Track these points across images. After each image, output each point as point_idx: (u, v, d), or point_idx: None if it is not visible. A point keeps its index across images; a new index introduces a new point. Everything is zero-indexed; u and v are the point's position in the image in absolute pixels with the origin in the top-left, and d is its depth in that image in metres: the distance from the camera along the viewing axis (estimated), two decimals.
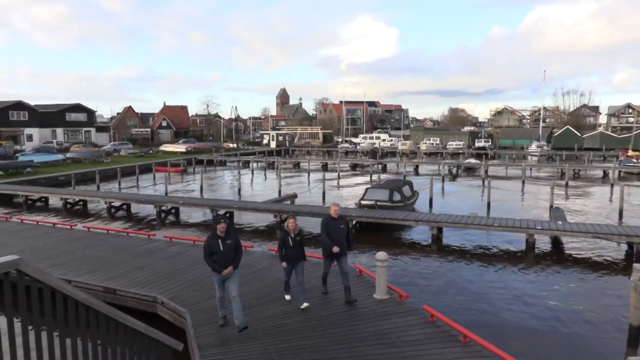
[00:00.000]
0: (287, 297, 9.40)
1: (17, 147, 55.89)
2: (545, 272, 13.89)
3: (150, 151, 60.97)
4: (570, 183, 35.19)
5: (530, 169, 44.76)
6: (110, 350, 4.48)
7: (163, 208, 23.09)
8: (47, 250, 13.77)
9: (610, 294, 12.03)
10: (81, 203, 26.18)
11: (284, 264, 8.80)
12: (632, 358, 2.14)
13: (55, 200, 27.17)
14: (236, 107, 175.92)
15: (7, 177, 33.94)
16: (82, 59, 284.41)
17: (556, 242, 16.95)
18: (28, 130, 63.56)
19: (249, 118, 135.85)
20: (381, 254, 9.35)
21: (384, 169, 47.22)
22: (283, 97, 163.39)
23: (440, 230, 17.66)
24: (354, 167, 50.51)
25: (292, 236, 8.70)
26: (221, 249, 7.74)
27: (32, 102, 66.74)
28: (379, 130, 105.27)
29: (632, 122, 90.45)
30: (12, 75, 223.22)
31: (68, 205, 25.83)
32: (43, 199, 27.48)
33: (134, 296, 10.13)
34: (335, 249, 8.86)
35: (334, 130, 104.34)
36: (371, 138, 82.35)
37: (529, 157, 61.14)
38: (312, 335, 7.94)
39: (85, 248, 13.95)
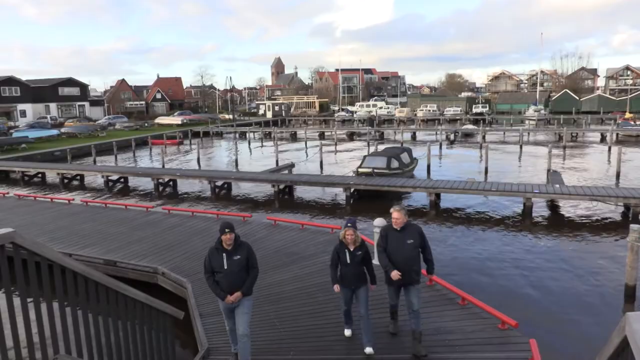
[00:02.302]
0: (347, 332, 6.83)
1: (11, 124, 55.35)
2: (542, 235, 13.99)
3: (146, 124, 60.50)
4: (568, 147, 35.17)
5: (528, 133, 44.63)
6: (111, 320, 4.50)
7: (160, 180, 23.05)
8: (46, 225, 13.79)
9: (606, 255, 12.16)
10: (78, 177, 26.12)
11: (337, 287, 6.31)
12: (630, 313, 2.15)
13: (52, 176, 27.08)
14: (231, 78, 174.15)
15: (3, 154, 33.73)
16: (73, 32, 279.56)
17: (553, 206, 17.03)
18: (21, 106, 62.84)
19: (244, 88, 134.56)
20: (379, 220, 9.38)
21: (381, 137, 47.05)
22: (278, 67, 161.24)
23: (438, 196, 17.71)
24: (351, 135, 50.28)
25: (351, 249, 6.22)
26: (225, 267, 5.74)
27: (24, 78, 65.84)
28: (376, 98, 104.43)
29: (630, 85, 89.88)
30: (1, 50, 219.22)
31: (65, 180, 25.77)
32: (40, 175, 27.39)
33: (135, 268, 10.19)
34: (395, 275, 6.07)
35: (330, 99, 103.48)
36: (368, 106, 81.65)
37: (527, 122, 60.88)
38: (312, 302, 8.03)
39: (84, 222, 13.96)
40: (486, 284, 10.39)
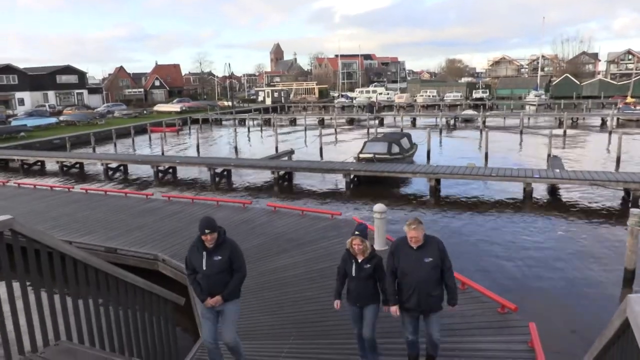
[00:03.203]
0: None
1: (9, 112, 55.11)
2: (542, 220, 14.01)
3: (145, 112, 60.24)
4: (569, 132, 35.06)
5: (528, 118, 44.48)
6: (111, 306, 4.51)
7: (160, 168, 23.02)
8: (46, 213, 13.79)
9: (606, 239, 12.19)
10: (78, 166, 26.06)
11: (337, 303, 5.46)
12: (631, 295, 2.15)
13: (51, 164, 27.05)
14: (230, 65, 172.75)
15: (1, 142, 33.60)
16: (70, 20, 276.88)
17: (553, 191, 17.02)
18: (19, 94, 62.48)
19: (243, 75, 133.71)
20: (379, 206, 9.37)
21: (381, 123, 46.88)
22: (277, 53, 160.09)
23: (438, 181, 17.69)
24: (350, 121, 50.10)
25: (359, 260, 5.28)
26: (203, 267, 5.03)
27: (21, 66, 65.39)
28: (376, 83, 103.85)
29: (631, 69, 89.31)
30: None
31: (65, 168, 25.72)
32: (39, 163, 27.36)
33: (135, 255, 10.22)
34: (394, 312, 5.14)
35: (329, 85, 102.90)
36: (367, 92, 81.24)
37: (527, 107, 60.63)
38: (312, 287, 8.05)
39: (84, 210, 13.96)
40: (486, 269, 10.42)
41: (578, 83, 77.74)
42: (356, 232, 5.28)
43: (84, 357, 3.54)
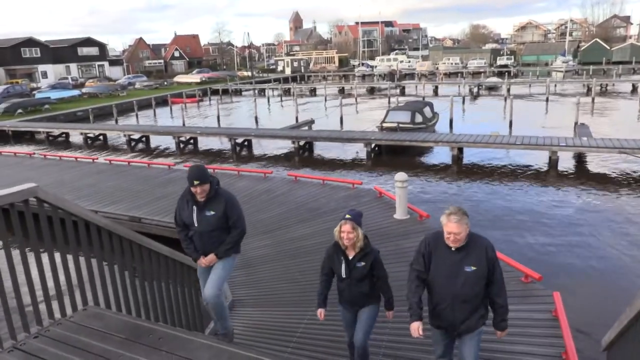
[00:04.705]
0: None
1: (33, 85, 55.93)
2: (568, 190, 13.70)
3: (165, 83, 60.48)
4: (597, 99, 33.93)
5: (555, 85, 43.16)
6: (136, 273, 4.58)
7: (181, 138, 23.19)
8: (72, 184, 14.08)
9: (635, 210, 11.88)
10: (101, 137, 26.45)
11: (320, 312, 4.33)
12: None
13: (75, 135, 27.50)
14: (249, 34, 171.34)
15: (27, 115, 34.22)
16: None
17: (580, 159, 16.59)
18: (42, 67, 63.21)
19: (262, 45, 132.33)
20: (401, 175, 9.27)
21: (403, 92, 46.12)
22: (296, 21, 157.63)
23: (460, 150, 17.41)
24: (371, 90, 49.42)
25: (350, 257, 4.19)
26: (195, 224, 4.51)
27: (42, 39, 65.85)
28: (397, 51, 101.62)
29: None
30: (17, 11, 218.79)
31: (89, 140, 26.15)
32: (64, 135, 27.83)
33: (158, 223, 10.37)
34: (415, 331, 3.70)
35: (349, 53, 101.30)
36: (388, 60, 79.72)
37: (554, 74, 58.78)
38: None
39: (108, 180, 14.20)
40: (510, 238, 10.30)
41: (608, 48, 74.86)
42: (347, 216, 4.19)
43: (111, 321, 3.62)
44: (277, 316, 6.39)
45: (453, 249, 3.70)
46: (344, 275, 4.19)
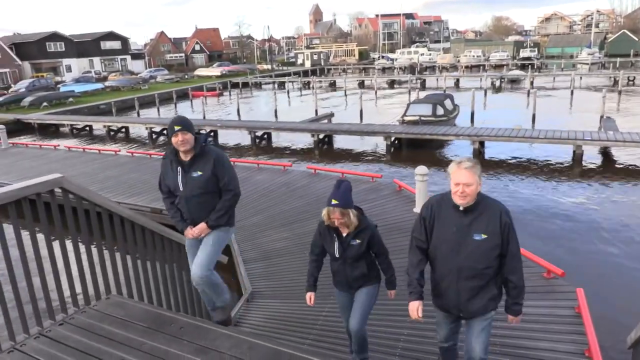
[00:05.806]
0: None
1: (58, 78, 57.00)
2: (592, 185, 13.41)
3: (186, 76, 61.05)
4: (624, 91, 33.07)
5: (580, 78, 42.20)
6: (158, 264, 4.64)
7: (202, 131, 23.32)
8: (95, 175, 14.33)
9: None
10: (123, 130, 26.85)
11: (309, 297, 4.06)
12: None
13: (98, 128, 27.98)
14: (269, 27, 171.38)
15: (52, 108, 34.93)
16: None
17: (606, 154, 16.22)
18: (66, 61, 64.34)
19: (282, 38, 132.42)
20: (421, 168, 9.20)
21: (423, 85, 45.65)
22: (316, 14, 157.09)
23: (482, 144, 17.17)
24: (391, 83, 49.04)
25: (344, 236, 3.81)
26: (180, 187, 3.98)
27: (65, 33, 66.99)
28: (417, 44, 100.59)
29: None
30: (41, 5, 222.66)
31: (111, 133, 26.57)
32: (87, 127, 28.35)
33: None
34: (414, 312, 3.29)
35: (370, 46, 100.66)
36: (409, 53, 78.92)
37: (579, 66, 57.45)
38: None
39: (130, 172, 14.41)
40: (532, 234, 10.13)
41: (636, 40, 72.75)
42: (332, 202, 3.59)
43: (133, 310, 3.68)
44: (296, 308, 6.41)
45: (461, 208, 3.08)
46: (337, 255, 3.85)
